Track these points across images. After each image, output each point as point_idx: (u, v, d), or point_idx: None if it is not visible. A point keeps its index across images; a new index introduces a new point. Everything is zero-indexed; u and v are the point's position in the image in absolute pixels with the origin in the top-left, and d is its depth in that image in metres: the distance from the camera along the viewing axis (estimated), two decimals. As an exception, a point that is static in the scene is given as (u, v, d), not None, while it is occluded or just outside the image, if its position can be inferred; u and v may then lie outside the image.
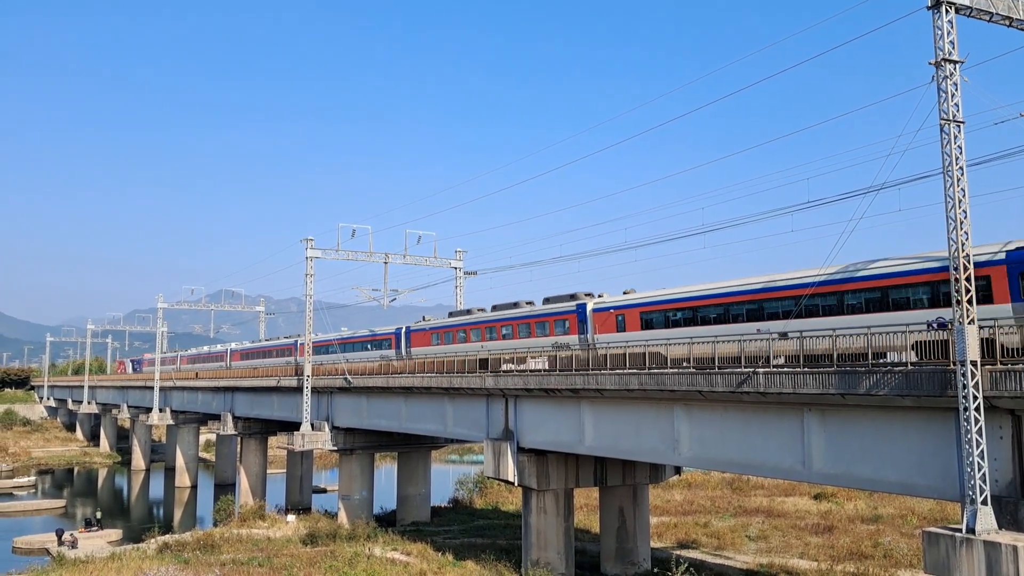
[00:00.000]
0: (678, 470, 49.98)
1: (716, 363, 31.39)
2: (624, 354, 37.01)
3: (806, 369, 27.91)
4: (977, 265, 24.05)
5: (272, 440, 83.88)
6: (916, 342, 25.05)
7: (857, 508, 61.78)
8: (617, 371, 36.83)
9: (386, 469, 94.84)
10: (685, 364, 34.12)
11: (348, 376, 61.43)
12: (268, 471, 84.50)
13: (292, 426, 69.40)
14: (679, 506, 65.65)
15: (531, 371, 43.34)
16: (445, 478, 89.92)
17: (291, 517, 64.47)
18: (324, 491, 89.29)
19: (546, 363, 42.02)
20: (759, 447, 31.15)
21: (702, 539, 53.60)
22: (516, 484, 44.23)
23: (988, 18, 23.93)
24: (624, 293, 45.38)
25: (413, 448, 65.37)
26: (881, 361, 26.08)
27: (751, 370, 29.77)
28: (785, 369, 28.79)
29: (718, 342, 31.93)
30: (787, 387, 28.26)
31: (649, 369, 35.32)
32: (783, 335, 30.77)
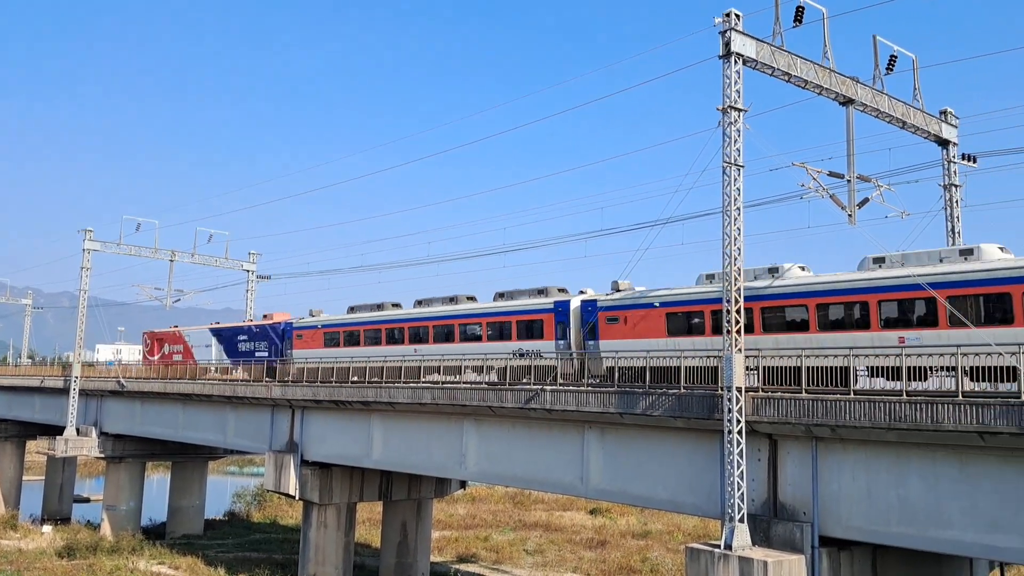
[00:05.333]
0: (463, 484, 50.44)
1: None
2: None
3: (590, 388, 29.01)
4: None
5: (31, 444, 77.03)
6: (688, 367, 26.73)
7: (629, 524, 64.71)
8: (411, 384, 36.78)
9: (158, 479, 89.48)
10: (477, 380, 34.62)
11: (122, 380, 57.67)
12: (24, 478, 77.53)
13: (55, 430, 64.09)
14: (462, 520, 66.21)
15: (321, 382, 42.50)
16: (223, 490, 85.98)
17: (47, 528, 59.59)
18: (87, 500, 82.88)
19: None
20: (542, 463, 31.98)
21: (482, 553, 54.29)
22: (298, 498, 42.98)
23: (770, 72, 25.92)
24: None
25: (189, 458, 62.08)
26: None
27: (539, 387, 30.57)
28: (570, 388, 29.80)
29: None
30: (571, 405, 29.23)
31: (443, 384, 35.53)
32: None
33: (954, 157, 31.69)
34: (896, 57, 29.52)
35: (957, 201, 31.63)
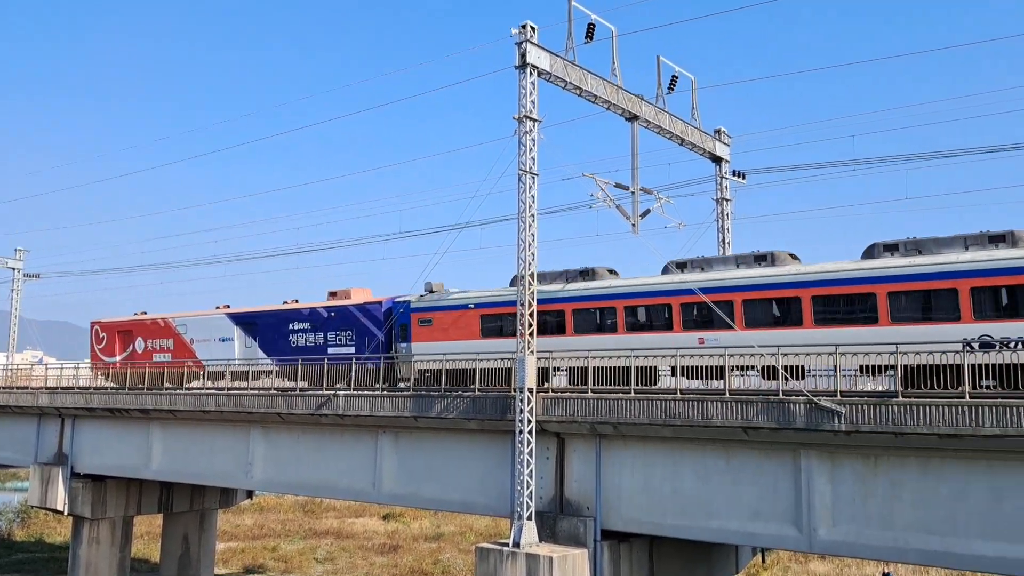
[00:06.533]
0: (250, 494, 48.76)
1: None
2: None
3: (384, 392, 28.87)
4: None
5: None
6: (482, 369, 27.22)
7: (422, 527, 64.92)
8: (194, 391, 35.13)
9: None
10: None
11: None
12: None
13: None
14: (249, 530, 63.95)
15: (95, 389, 39.77)
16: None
17: None
18: None
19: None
20: (334, 469, 31.45)
21: (270, 563, 52.73)
22: (67, 513, 39.97)
23: (563, 85, 26.85)
24: None
25: (-62, 473, 56.21)
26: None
27: (332, 392, 30.06)
28: (365, 392, 29.51)
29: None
30: (365, 410, 28.96)
31: (228, 390, 34.21)
32: None
33: (726, 173, 34.18)
34: (677, 77, 31.49)
35: (728, 214, 34.15)
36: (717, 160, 34.24)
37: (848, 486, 20.84)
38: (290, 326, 39.88)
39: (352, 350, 36.17)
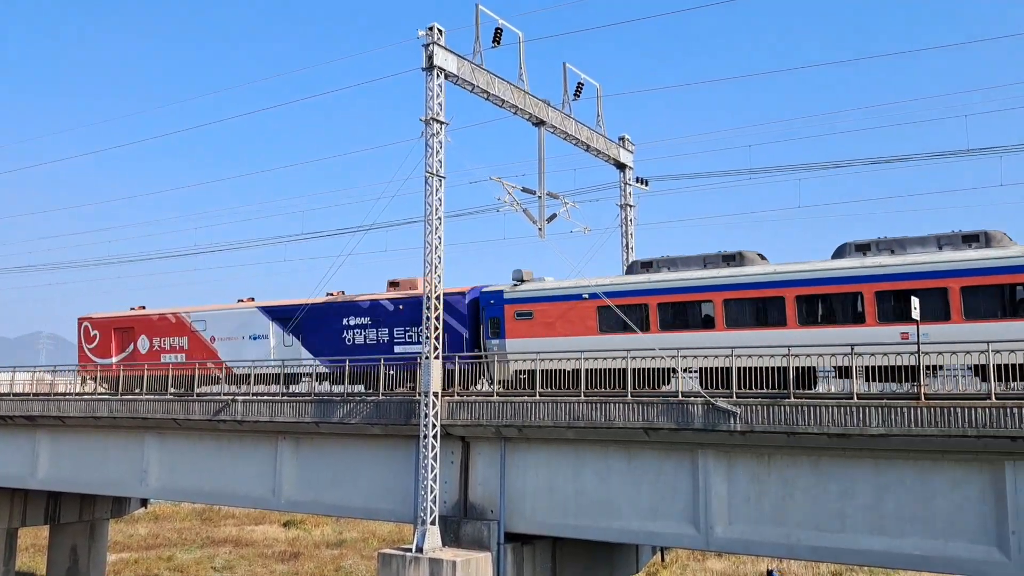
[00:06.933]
0: (145, 503, 47.18)
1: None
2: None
3: (284, 398, 28.35)
4: None
5: None
6: (385, 374, 27.03)
7: (324, 534, 63.87)
8: (85, 397, 33.84)
9: None
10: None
11: None
12: None
13: None
14: (143, 540, 61.76)
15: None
16: None
17: None
18: None
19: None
20: (232, 476, 30.71)
21: (165, 574, 51.08)
22: (-56, 525, 37.90)
23: (471, 88, 26.86)
24: None
25: None
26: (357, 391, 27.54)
27: (230, 397, 29.38)
28: (264, 397, 28.94)
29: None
30: (264, 416, 28.39)
31: (122, 396, 33.05)
32: None
33: (630, 180, 34.81)
34: (583, 85, 31.89)
35: (632, 219, 34.77)
36: (621, 167, 34.82)
37: (743, 485, 21.47)
38: (344, 321, 34.46)
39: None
